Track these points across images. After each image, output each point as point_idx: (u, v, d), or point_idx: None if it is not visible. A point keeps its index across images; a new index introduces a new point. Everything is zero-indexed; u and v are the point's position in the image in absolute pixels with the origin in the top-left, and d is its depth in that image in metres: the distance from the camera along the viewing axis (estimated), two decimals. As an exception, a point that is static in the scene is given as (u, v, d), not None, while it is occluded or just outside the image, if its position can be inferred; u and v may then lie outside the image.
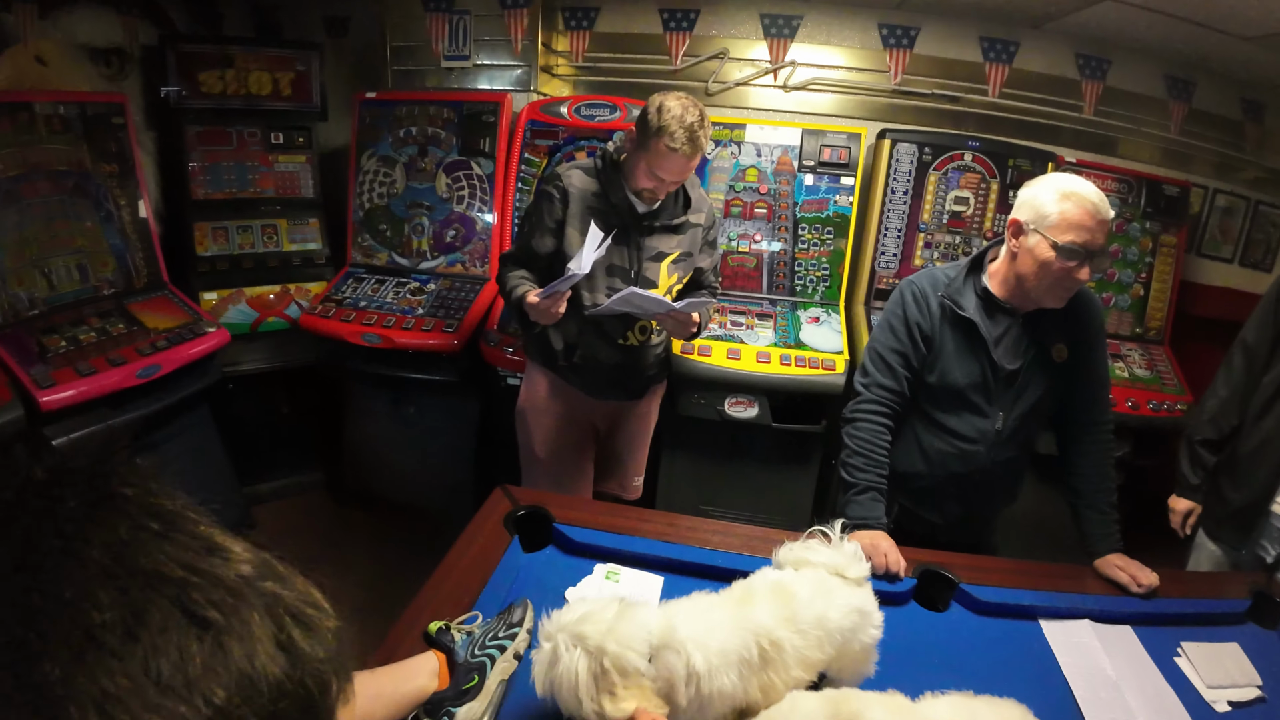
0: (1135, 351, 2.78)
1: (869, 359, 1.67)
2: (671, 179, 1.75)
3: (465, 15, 2.98)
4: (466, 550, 1.39)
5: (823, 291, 2.83)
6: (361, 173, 3.06)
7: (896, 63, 2.96)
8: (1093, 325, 1.57)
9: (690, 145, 1.67)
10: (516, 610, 1.12)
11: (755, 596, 1.03)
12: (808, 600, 1.02)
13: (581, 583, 1.35)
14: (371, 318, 2.75)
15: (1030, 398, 1.56)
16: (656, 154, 1.69)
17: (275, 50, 3.06)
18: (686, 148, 1.67)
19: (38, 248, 2.33)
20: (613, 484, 2.25)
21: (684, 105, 1.67)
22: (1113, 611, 1.40)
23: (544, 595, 1.31)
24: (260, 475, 3.16)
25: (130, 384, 2.28)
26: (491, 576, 1.32)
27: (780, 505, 2.73)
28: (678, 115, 1.65)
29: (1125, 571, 1.46)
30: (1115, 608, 1.41)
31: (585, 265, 1.64)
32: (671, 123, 1.65)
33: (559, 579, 1.36)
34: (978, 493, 1.66)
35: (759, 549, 1.47)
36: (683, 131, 1.65)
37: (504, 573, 1.34)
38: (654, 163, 1.71)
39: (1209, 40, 2.56)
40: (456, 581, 1.30)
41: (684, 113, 1.66)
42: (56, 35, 2.70)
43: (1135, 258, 2.82)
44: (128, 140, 2.59)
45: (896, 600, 1.39)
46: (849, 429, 1.64)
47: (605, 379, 1.98)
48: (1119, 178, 2.80)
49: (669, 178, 1.74)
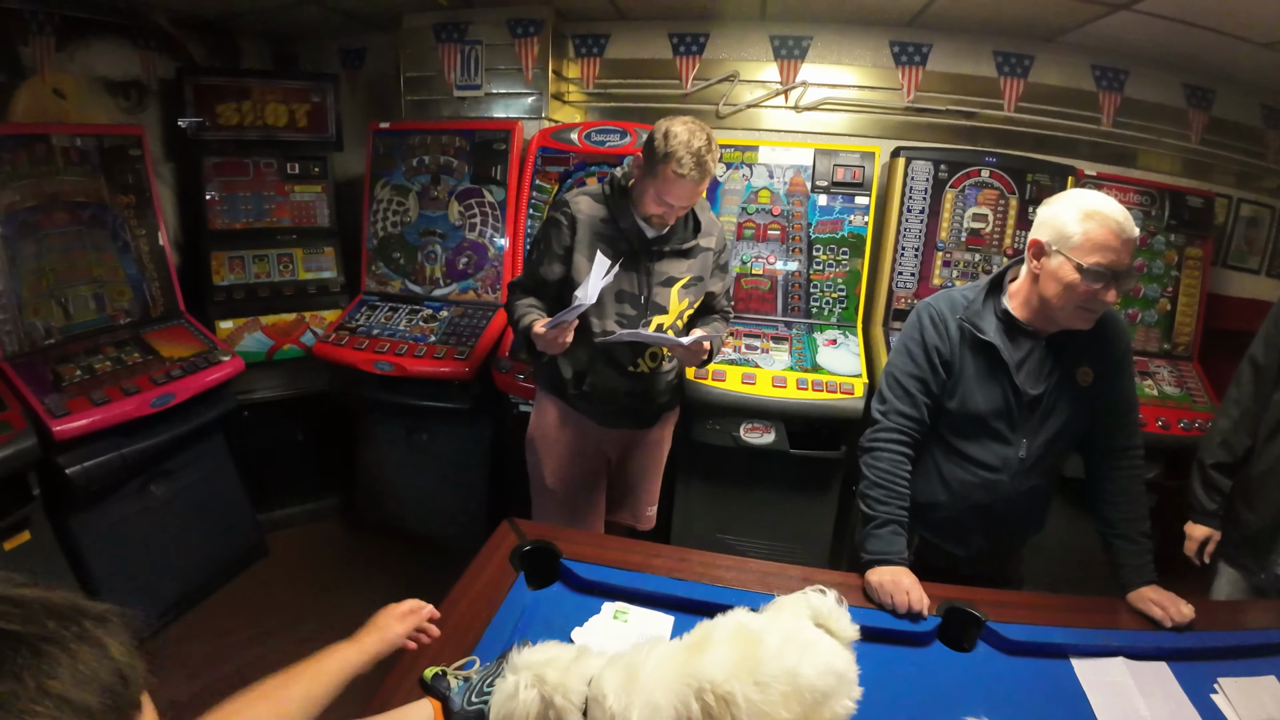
0: (1164, 369, 2.68)
1: (886, 385, 1.61)
2: (680, 204, 1.72)
3: (477, 45, 3.01)
4: (470, 587, 1.35)
5: (839, 313, 2.78)
6: (375, 201, 3.08)
7: (909, 80, 2.93)
8: (1118, 347, 1.51)
9: (698, 170, 1.64)
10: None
11: (711, 642, 0.93)
12: (776, 650, 0.91)
13: (589, 622, 1.30)
14: (384, 345, 2.75)
15: (1055, 424, 1.50)
16: (664, 180, 1.66)
17: (291, 82, 3.12)
18: (694, 173, 1.64)
19: (54, 278, 2.36)
20: (625, 514, 2.20)
21: (690, 130, 1.64)
22: (1147, 648, 1.32)
23: (549, 637, 1.25)
24: (275, 502, 3.17)
25: (144, 413, 2.29)
26: (495, 616, 1.28)
27: (800, 533, 2.66)
28: (684, 140, 1.62)
29: (1159, 605, 1.38)
30: (1149, 643, 1.33)
31: (592, 295, 1.62)
32: (679, 148, 1.62)
33: (565, 618, 1.31)
34: (1002, 523, 1.59)
35: (775, 585, 1.42)
36: (690, 157, 1.62)
37: (508, 612, 1.30)
38: (662, 188, 1.68)
39: (1227, 47, 2.50)
40: (458, 621, 1.26)
41: (691, 137, 1.63)
42: (74, 69, 2.77)
43: (1160, 272, 2.74)
44: (144, 171, 2.64)
45: (919, 641, 1.33)
46: (867, 459, 1.58)
47: (616, 407, 1.94)
48: (1141, 190, 2.72)
49: (677, 203, 1.71)
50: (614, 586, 1.38)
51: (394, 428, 2.93)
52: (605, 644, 1.24)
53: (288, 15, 3.10)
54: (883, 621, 1.34)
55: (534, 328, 1.71)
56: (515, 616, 1.30)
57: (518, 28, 2.94)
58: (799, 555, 2.65)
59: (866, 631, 1.31)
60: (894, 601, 1.36)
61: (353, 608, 2.57)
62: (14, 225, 2.24)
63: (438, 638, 1.19)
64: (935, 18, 2.74)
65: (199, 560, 2.65)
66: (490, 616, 1.27)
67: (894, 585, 1.38)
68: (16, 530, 2.03)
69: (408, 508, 3.02)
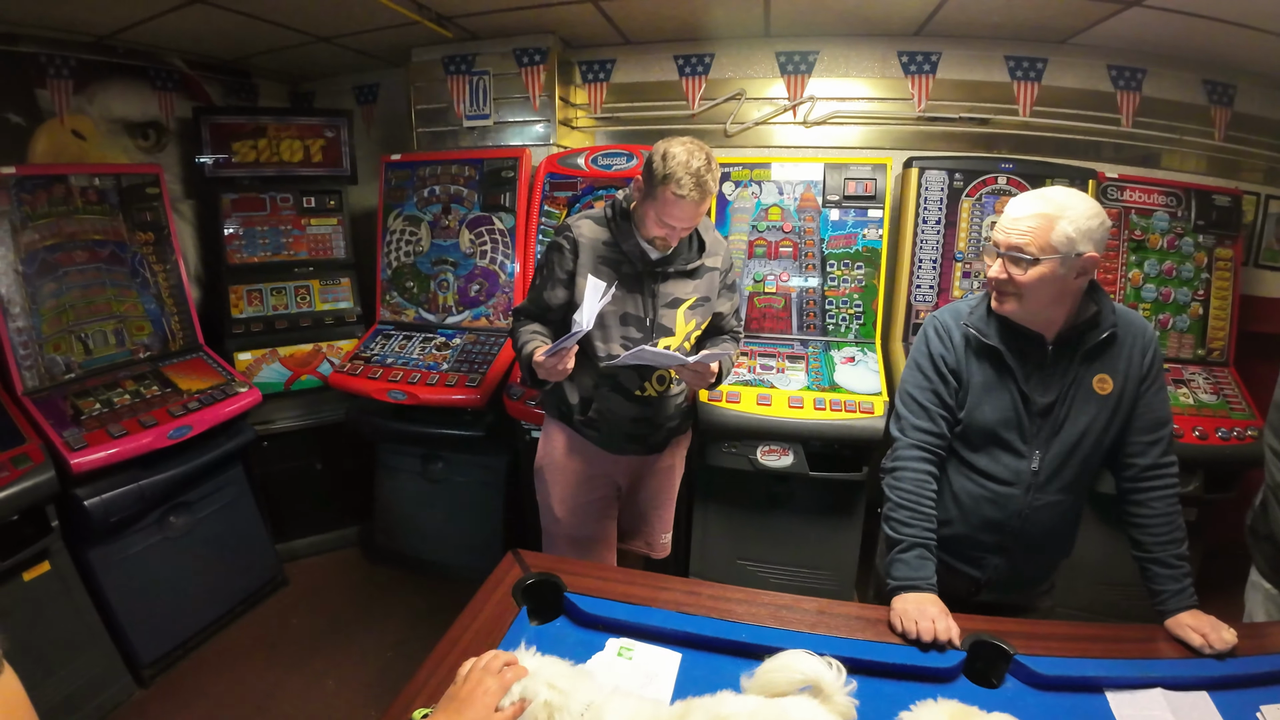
0: (1199, 375, 2.56)
1: (900, 403, 1.56)
2: (681, 225, 1.69)
3: (484, 75, 3.05)
4: (471, 623, 1.32)
5: (857, 329, 2.71)
6: (389, 232, 3.12)
7: (920, 89, 2.88)
8: (1145, 357, 1.42)
9: (698, 191, 1.62)
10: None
11: None
12: None
13: (592, 659, 1.25)
14: (398, 374, 2.76)
15: (1071, 434, 1.42)
16: (664, 201, 1.64)
17: (305, 119, 3.19)
18: (694, 193, 1.62)
19: (74, 314, 2.41)
20: (639, 542, 2.15)
21: (689, 150, 1.62)
22: (1186, 677, 1.23)
23: (550, 675, 1.22)
24: (294, 532, 3.18)
25: (161, 445, 2.31)
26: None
27: (824, 558, 2.58)
28: (683, 161, 1.61)
29: (1198, 631, 1.30)
30: (1189, 672, 1.25)
31: (588, 320, 1.59)
32: (677, 169, 1.60)
33: (568, 655, 1.24)
34: (1019, 542, 1.50)
35: (789, 620, 1.35)
36: (689, 177, 1.60)
37: (509, 647, 1.25)
38: (662, 210, 1.66)
39: (1245, 40, 2.42)
40: (458, 658, 1.21)
41: (689, 158, 1.61)
42: (92, 110, 2.86)
43: (1190, 275, 2.63)
44: (162, 209, 2.70)
45: (944, 677, 1.25)
46: (889, 479, 1.53)
47: (623, 433, 1.90)
48: (1166, 190, 2.63)
49: (678, 224, 1.69)
50: (619, 622, 1.33)
51: (409, 457, 2.93)
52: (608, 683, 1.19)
53: (301, 54, 3.18)
54: (904, 657, 1.26)
55: (535, 356, 1.68)
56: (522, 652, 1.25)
57: (524, 57, 2.97)
58: (824, 582, 2.57)
59: (885, 668, 1.25)
60: (919, 630, 1.29)
61: (369, 639, 2.60)
62: (34, 264, 2.30)
63: (433, 675, 1.16)
64: (942, 26, 2.70)
65: (218, 591, 2.66)
66: (490, 655, 1.23)
67: (919, 613, 1.31)
68: (36, 561, 2.05)
69: (424, 537, 3.01)
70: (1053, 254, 1.32)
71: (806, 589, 2.48)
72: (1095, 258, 1.33)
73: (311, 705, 2.31)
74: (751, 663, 1.26)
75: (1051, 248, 1.32)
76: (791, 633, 1.31)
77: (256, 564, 2.85)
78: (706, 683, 1.20)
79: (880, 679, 1.24)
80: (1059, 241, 1.32)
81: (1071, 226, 1.31)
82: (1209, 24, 2.34)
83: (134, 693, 2.32)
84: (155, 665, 2.39)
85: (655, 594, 1.42)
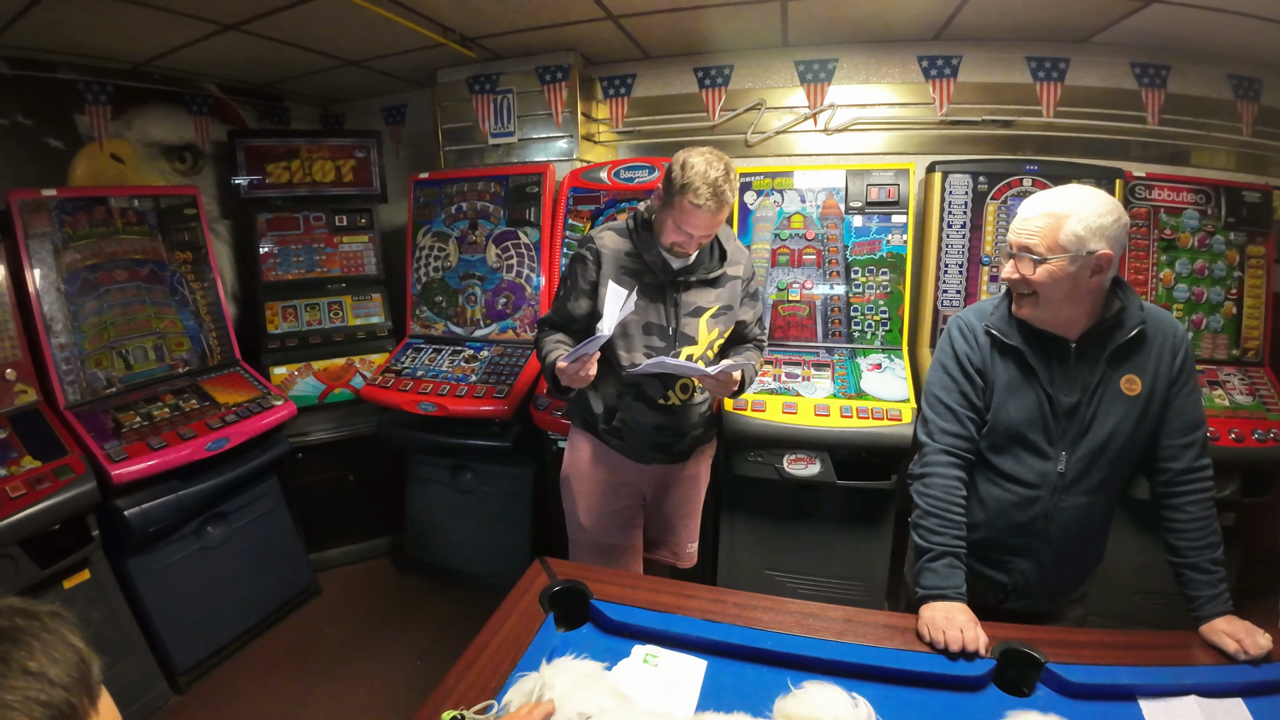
0: (1234, 376, 2.49)
1: (927, 407, 1.55)
2: (698, 234, 1.71)
3: (508, 94, 3.12)
4: (498, 629, 1.33)
5: (883, 336, 2.69)
6: (418, 249, 3.19)
7: (941, 93, 2.87)
8: (1176, 358, 1.39)
9: (715, 200, 1.64)
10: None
11: None
12: None
13: (618, 666, 1.26)
14: (427, 386, 2.81)
15: (1098, 436, 1.40)
16: (682, 210, 1.66)
17: (336, 140, 3.29)
18: (711, 203, 1.64)
19: (115, 331, 2.51)
20: (665, 552, 2.15)
21: (708, 160, 1.65)
22: (1221, 684, 1.20)
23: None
24: (327, 542, 3.25)
25: (200, 456, 2.39)
26: (521, 659, 1.25)
27: (853, 568, 2.55)
28: (701, 171, 1.63)
29: (1233, 636, 1.27)
30: (1224, 679, 1.21)
31: (609, 326, 1.61)
32: (695, 179, 1.63)
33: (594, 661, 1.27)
34: (1045, 544, 1.48)
35: (815, 628, 1.35)
36: (706, 187, 1.62)
37: (536, 654, 1.27)
38: (680, 219, 1.68)
39: (1270, 34, 2.36)
40: (485, 664, 1.24)
41: (708, 168, 1.63)
42: (130, 135, 2.98)
43: (1223, 273, 2.56)
44: (200, 229, 2.81)
45: (973, 685, 1.23)
46: (918, 486, 1.51)
47: (648, 442, 1.92)
48: (1195, 188, 2.57)
49: (696, 233, 1.70)
50: (645, 629, 1.34)
51: (438, 468, 2.98)
52: (634, 690, 1.20)
53: (330, 78, 3.28)
54: (932, 665, 1.25)
55: (558, 364, 1.71)
56: (542, 659, 1.26)
57: (546, 74, 3.03)
58: (854, 593, 2.54)
59: (914, 677, 1.24)
60: (946, 639, 1.28)
61: (400, 647, 2.63)
62: (75, 283, 2.41)
63: (462, 679, 1.18)
64: (961, 29, 2.69)
65: (253, 599, 2.72)
66: (517, 659, 1.25)
67: (947, 622, 1.30)
68: (76, 570, 2.13)
69: (454, 547, 3.04)
70: (1061, 252, 1.31)
71: (836, 600, 2.44)
72: (1108, 255, 1.31)
73: (343, 713, 2.34)
74: (778, 671, 1.26)
75: (1060, 246, 1.31)
76: (818, 640, 1.30)
77: (291, 573, 2.91)
78: (732, 691, 1.21)
79: (909, 688, 1.23)
80: (1067, 240, 1.31)
81: (1080, 225, 1.30)
82: (1232, 18, 2.30)
83: (170, 699, 2.39)
84: (191, 672, 2.46)
85: (681, 601, 1.42)
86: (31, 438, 2.15)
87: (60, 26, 2.37)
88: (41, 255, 2.34)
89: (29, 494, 1.97)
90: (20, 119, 2.64)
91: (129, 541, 2.26)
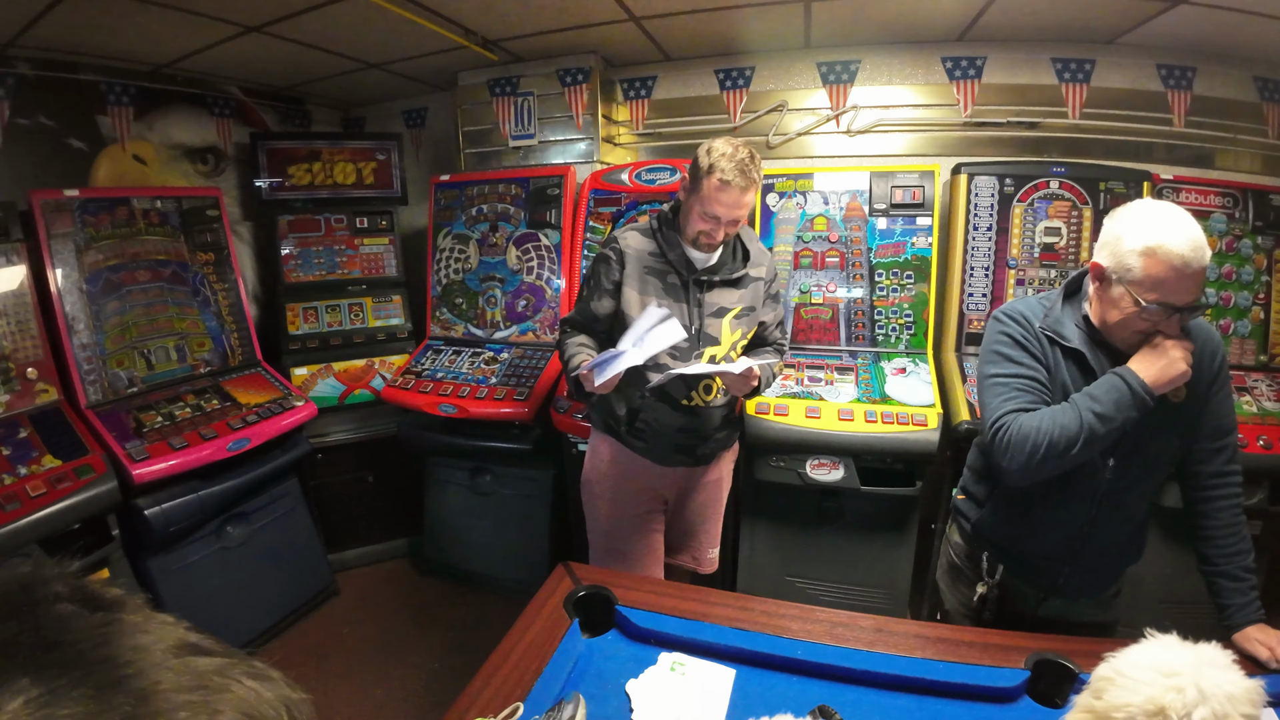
0: (1262, 382, 2.43)
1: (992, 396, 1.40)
2: (726, 215, 1.70)
3: (529, 96, 3.12)
4: (523, 634, 1.32)
5: (908, 340, 2.65)
6: (438, 251, 3.20)
7: (965, 94, 2.83)
8: (1212, 364, 1.36)
9: (742, 178, 1.65)
10: (567, 708, 1.03)
11: None
12: None
13: (644, 674, 1.24)
14: (447, 388, 2.81)
15: (1145, 443, 1.36)
16: (709, 191, 1.67)
17: (357, 143, 3.31)
18: (739, 180, 1.64)
19: (137, 331, 2.53)
20: (686, 557, 2.12)
21: (733, 145, 1.68)
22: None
23: (602, 688, 1.21)
24: (346, 543, 3.25)
25: (220, 456, 2.40)
26: (547, 665, 1.23)
27: (876, 575, 2.51)
28: (727, 152, 1.66)
29: (1265, 645, 1.24)
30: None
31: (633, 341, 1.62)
32: (720, 159, 1.65)
33: (619, 669, 1.26)
34: (1089, 549, 1.44)
35: (845, 638, 1.32)
36: (732, 165, 1.64)
37: (561, 660, 1.26)
38: (707, 202, 1.68)
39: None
40: (511, 669, 1.22)
41: (733, 150, 1.66)
42: (153, 136, 3.01)
43: (1250, 278, 2.50)
44: (222, 230, 2.83)
45: (1007, 697, 1.20)
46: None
47: (671, 444, 1.90)
48: (1222, 191, 2.52)
49: (724, 214, 1.69)
50: (671, 636, 1.32)
51: (458, 470, 2.97)
52: (661, 699, 1.18)
53: (352, 80, 3.29)
54: (964, 676, 1.22)
55: (580, 372, 1.70)
56: (568, 666, 1.25)
57: (567, 77, 3.03)
58: (876, 600, 2.50)
59: (946, 688, 1.21)
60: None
61: (418, 650, 2.62)
62: (98, 283, 2.43)
63: (487, 685, 1.16)
64: (985, 30, 2.65)
65: (272, 600, 2.73)
66: (542, 666, 1.23)
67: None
68: (96, 569, 2.14)
69: (471, 549, 3.04)
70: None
71: (858, 607, 2.41)
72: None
73: (361, 714, 2.34)
74: (807, 681, 1.24)
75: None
76: (849, 649, 1.28)
77: (309, 574, 2.91)
78: (762, 701, 1.19)
79: (942, 699, 1.20)
80: None
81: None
82: (1258, 20, 2.26)
83: (190, 699, 2.39)
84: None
85: (707, 609, 1.40)
86: (52, 437, 2.16)
87: (83, 28, 2.39)
88: (64, 255, 2.35)
89: (49, 493, 1.99)
90: (43, 120, 2.66)
91: (149, 541, 2.27)
